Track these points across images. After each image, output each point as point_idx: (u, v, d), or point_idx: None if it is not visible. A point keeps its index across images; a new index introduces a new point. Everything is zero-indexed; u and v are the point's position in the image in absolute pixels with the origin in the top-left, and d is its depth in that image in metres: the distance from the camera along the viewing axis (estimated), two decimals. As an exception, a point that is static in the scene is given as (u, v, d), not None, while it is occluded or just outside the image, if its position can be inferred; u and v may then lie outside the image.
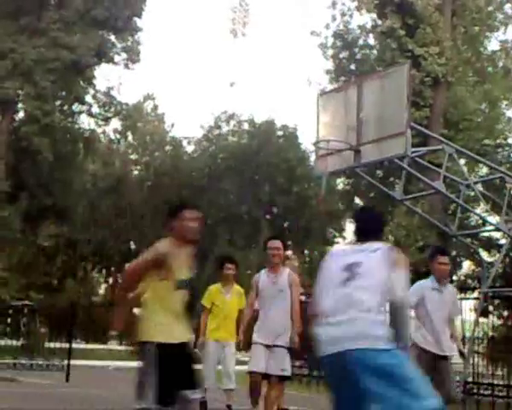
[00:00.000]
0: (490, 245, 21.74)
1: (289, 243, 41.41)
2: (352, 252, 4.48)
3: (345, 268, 4.32)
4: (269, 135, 39.62)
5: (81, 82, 32.26)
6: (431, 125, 19.79)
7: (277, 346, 7.53)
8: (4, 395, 10.83)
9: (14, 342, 20.37)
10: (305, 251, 42.06)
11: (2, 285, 24.25)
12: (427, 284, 7.58)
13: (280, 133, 40.60)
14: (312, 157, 32.15)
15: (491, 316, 19.18)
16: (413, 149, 11.15)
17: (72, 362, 15.89)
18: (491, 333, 18.38)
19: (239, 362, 10.17)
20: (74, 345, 17.72)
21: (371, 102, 10.96)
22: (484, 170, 20.99)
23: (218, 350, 8.84)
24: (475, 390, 14.86)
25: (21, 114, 32.16)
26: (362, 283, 4.22)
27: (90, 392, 12.15)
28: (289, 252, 10.50)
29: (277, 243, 7.86)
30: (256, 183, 38.26)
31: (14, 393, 11.40)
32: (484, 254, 21.45)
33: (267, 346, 7.51)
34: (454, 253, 21.02)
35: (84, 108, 34.40)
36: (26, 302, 24.58)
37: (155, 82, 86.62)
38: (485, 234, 20.67)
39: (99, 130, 38.74)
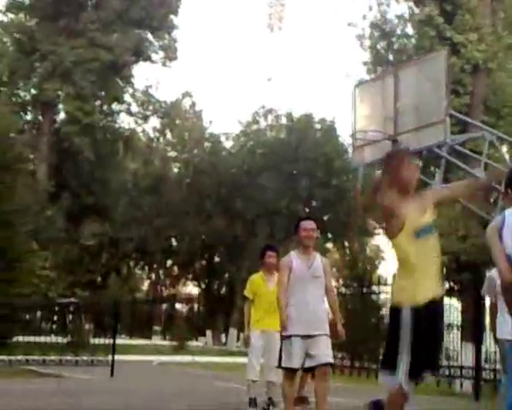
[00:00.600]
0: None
1: (329, 235, 41.39)
2: None
3: None
4: (307, 129, 39.52)
5: (119, 81, 32.63)
6: (471, 112, 19.46)
7: (319, 335, 6.94)
8: (51, 391, 11.04)
9: (60, 339, 20.72)
10: (346, 243, 41.95)
11: (49, 283, 24.70)
12: None
13: (318, 127, 40.46)
14: (351, 150, 31.98)
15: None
16: (452, 137, 11.01)
17: (117, 357, 16.08)
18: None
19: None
20: (118, 341, 17.93)
21: (409, 91, 10.85)
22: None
23: (264, 341, 8.57)
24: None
25: (62, 115, 32.67)
26: None
27: (134, 387, 12.30)
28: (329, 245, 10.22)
29: (311, 224, 7.29)
30: (295, 177, 38.21)
31: (62, 389, 11.60)
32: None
33: (307, 336, 6.87)
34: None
35: (123, 107, 34.81)
36: (72, 300, 25.00)
37: (193, 79, 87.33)
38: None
39: (138, 128, 39.20)
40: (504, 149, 16.28)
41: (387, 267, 43.75)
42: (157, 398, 10.61)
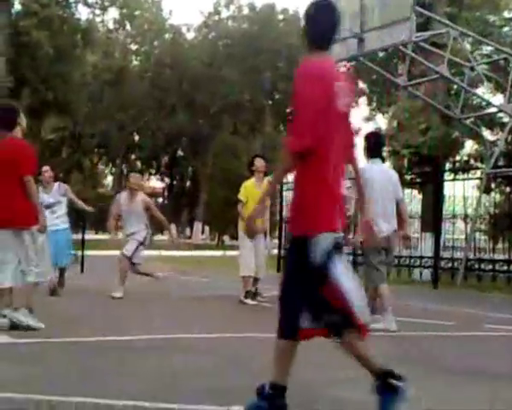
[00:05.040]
0: (493, 124, 21.69)
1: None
2: None
3: None
4: (269, 20, 38.88)
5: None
6: (435, 3, 19.35)
7: None
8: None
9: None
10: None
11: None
12: None
13: (280, 17, 39.82)
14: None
15: (493, 194, 19.47)
16: (417, 34, 11.07)
17: (85, 253, 16.28)
18: (493, 210, 18.75)
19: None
20: (85, 236, 17.94)
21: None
22: (489, 48, 20.67)
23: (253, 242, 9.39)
24: (477, 266, 15.39)
25: (18, 7, 31.45)
26: None
27: (106, 284, 12.49)
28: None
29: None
30: (257, 69, 37.86)
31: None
32: (487, 134, 21.48)
33: None
34: (457, 133, 21.06)
35: (80, -3, 33.68)
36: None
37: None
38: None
39: (97, 19, 38.14)
40: (466, 42, 16.38)
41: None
42: (137, 292, 10.67)
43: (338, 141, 3.43)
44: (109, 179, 51.92)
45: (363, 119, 26.38)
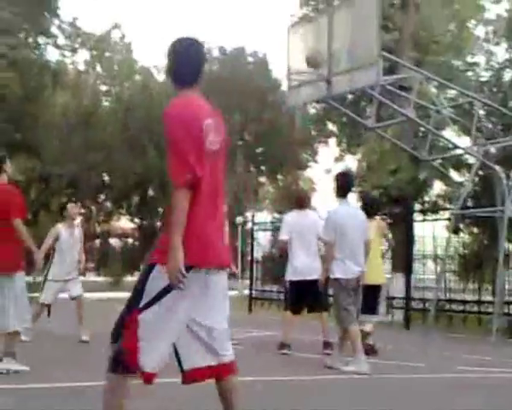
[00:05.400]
0: (459, 165, 22.04)
1: (263, 168, 41.72)
2: None
3: None
4: (239, 62, 39.27)
5: (45, 13, 31.47)
6: (400, 48, 19.73)
7: None
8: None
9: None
10: (279, 177, 42.45)
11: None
12: None
13: (250, 60, 40.27)
14: (283, 84, 32.11)
15: (462, 234, 19.67)
16: (384, 78, 11.24)
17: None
18: (462, 251, 18.92)
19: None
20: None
21: (342, 32, 10.96)
22: (454, 91, 21.07)
23: None
24: (448, 307, 15.44)
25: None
26: None
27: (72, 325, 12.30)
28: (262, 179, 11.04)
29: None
30: (227, 111, 38.08)
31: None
32: (454, 175, 21.79)
33: None
34: (425, 174, 21.33)
35: (50, 40, 33.67)
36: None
37: (122, 11, 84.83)
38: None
39: (67, 61, 38.16)
40: (432, 86, 16.67)
41: (319, 199, 44.62)
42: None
43: (212, 178, 3.47)
44: (78, 221, 51.41)
45: (333, 159, 26.54)
